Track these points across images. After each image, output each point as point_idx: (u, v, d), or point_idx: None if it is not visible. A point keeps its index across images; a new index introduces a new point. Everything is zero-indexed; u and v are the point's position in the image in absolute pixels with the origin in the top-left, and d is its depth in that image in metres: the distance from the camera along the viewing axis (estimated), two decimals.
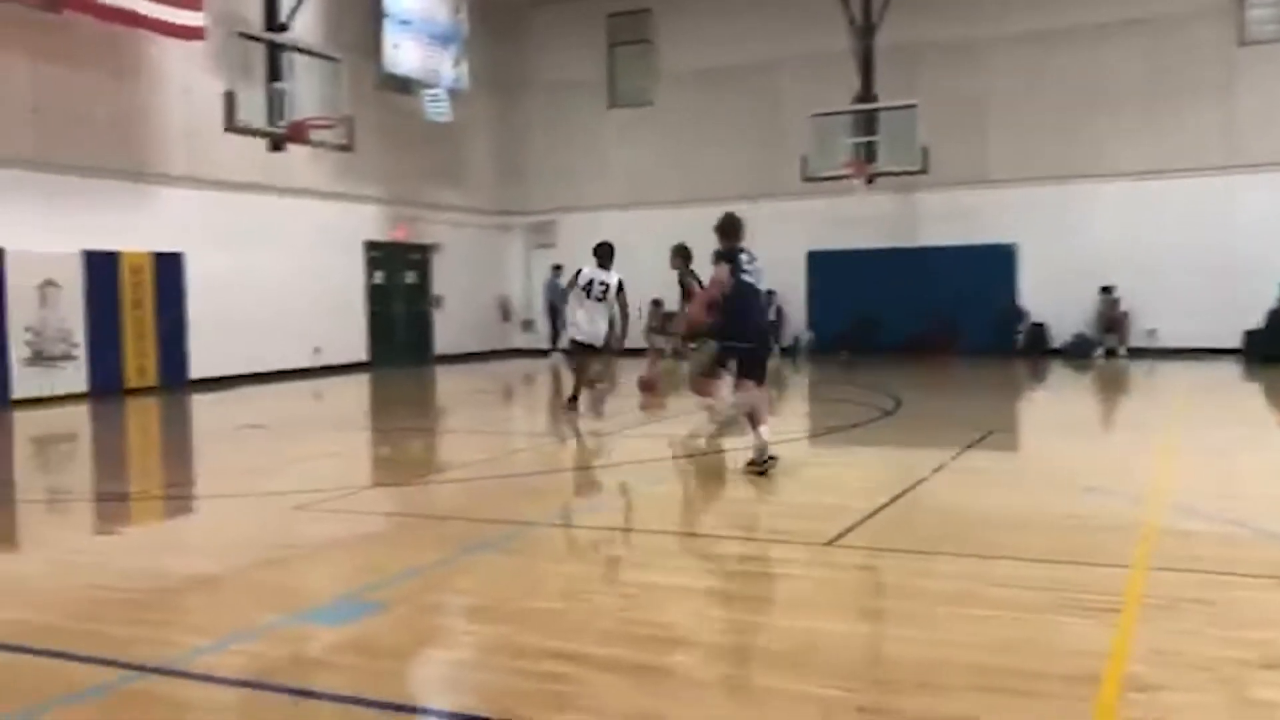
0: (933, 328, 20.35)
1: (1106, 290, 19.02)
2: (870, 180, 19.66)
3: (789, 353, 21.76)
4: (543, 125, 24.16)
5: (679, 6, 22.67)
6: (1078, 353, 19.06)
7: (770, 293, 21.92)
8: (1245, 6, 18.92)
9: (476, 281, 23.23)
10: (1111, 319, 19.03)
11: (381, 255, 20.81)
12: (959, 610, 4.36)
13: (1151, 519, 6.29)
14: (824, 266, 21.57)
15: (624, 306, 12.28)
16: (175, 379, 16.05)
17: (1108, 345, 19.01)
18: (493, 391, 17.00)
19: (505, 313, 24.17)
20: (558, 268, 23.36)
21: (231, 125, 15.52)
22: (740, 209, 22.40)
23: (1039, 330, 19.85)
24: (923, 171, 18.99)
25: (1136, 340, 18.91)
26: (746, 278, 8.00)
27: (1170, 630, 4.10)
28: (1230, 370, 16.44)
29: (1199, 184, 18.67)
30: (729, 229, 8.52)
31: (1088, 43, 19.50)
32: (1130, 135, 19.24)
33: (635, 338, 23.00)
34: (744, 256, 8.20)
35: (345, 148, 17.40)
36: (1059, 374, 17.20)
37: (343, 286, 19.70)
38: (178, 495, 8.03)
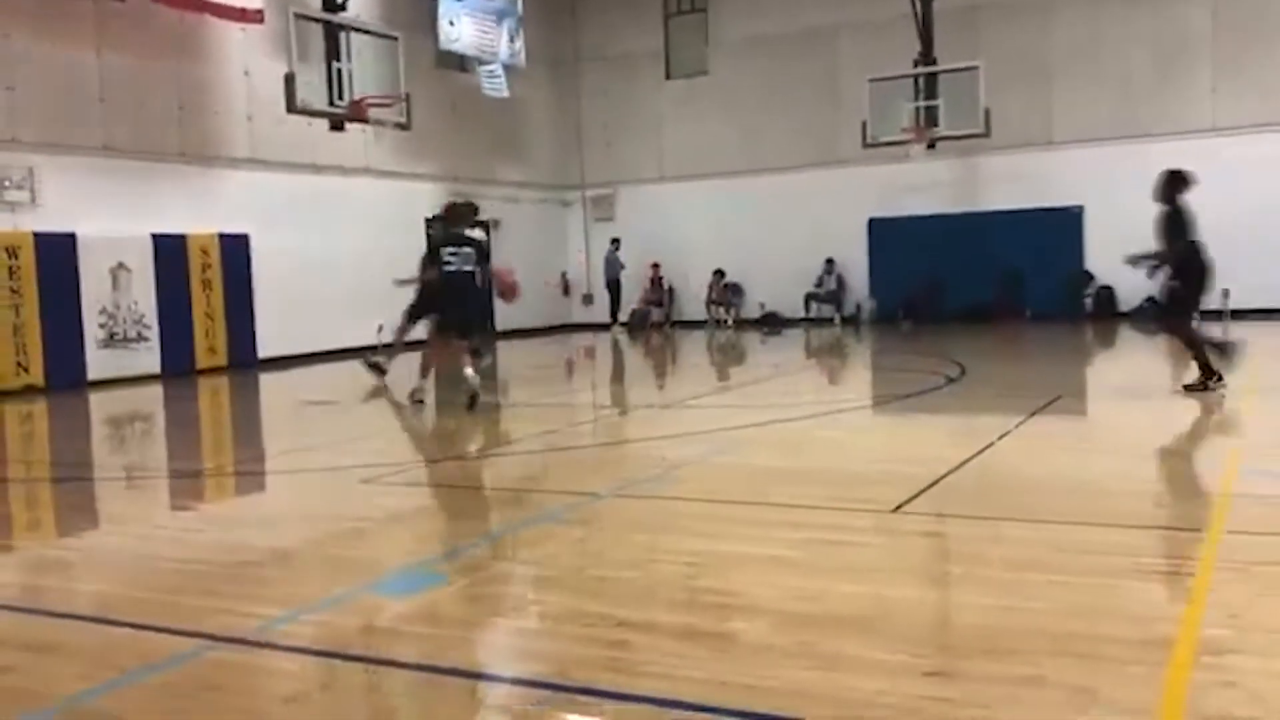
0: (997, 293, 20.04)
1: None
2: (931, 145, 19.38)
3: (850, 321, 21.58)
4: (599, 98, 24.14)
5: None
6: (1147, 316, 18.62)
7: (829, 260, 21.78)
8: None
9: (537, 257, 23.34)
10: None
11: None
12: (1027, 575, 4.31)
13: (1226, 483, 6.15)
14: (885, 234, 21.32)
15: None
16: (244, 358, 16.37)
17: None
18: (554, 365, 17.09)
19: (565, 286, 24.27)
20: (616, 241, 23.41)
21: (293, 106, 15.73)
22: (799, 177, 22.35)
23: (1107, 294, 19.45)
24: (985, 135, 18.65)
25: (1210, 303, 18.42)
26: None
27: (1245, 594, 4.02)
28: None
29: (1272, 140, 18.11)
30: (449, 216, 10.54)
31: None
32: (1200, 92, 18.71)
33: (698, 309, 23.04)
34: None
35: (404, 126, 17.54)
36: (1128, 338, 16.85)
37: (404, 264, 19.89)
38: (249, 471, 8.21)
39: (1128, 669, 3.31)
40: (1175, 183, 9.40)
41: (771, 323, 22.24)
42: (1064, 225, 19.72)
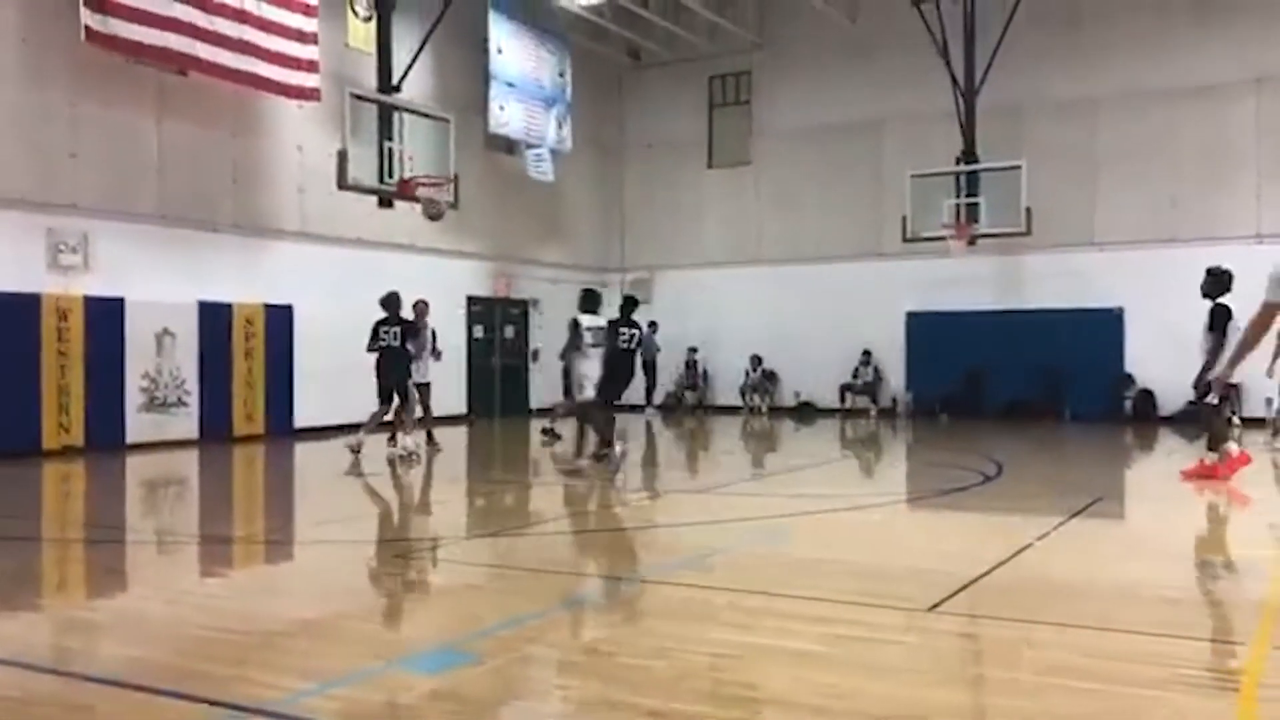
0: (1036, 392, 19.89)
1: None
2: (972, 241, 19.44)
3: (887, 414, 21.46)
4: (642, 184, 24.51)
5: (780, 67, 22.86)
6: (1189, 420, 18.38)
7: (866, 352, 21.75)
8: None
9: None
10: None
11: (482, 309, 21.22)
12: (1063, 682, 4.21)
13: (1273, 595, 6.01)
14: (923, 327, 21.31)
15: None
16: (281, 427, 16.50)
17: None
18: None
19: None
20: (653, 324, 23.53)
21: (344, 183, 16.09)
22: (839, 268, 22.53)
23: (1147, 396, 19.24)
24: (1026, 233, 18.70)
25: (1254, 409, 18.19)
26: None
27: None
28: None
29: None
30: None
31: (1200, 102, 19.08)
32: (1243, 199, 18.70)
33: (732, 395, 23.01)
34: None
35: (451, 205, 17.87)
36: (1168, 442, 16.62)
37: (444, 339, 20.11)
38: (280, 540, 8.22)
39: None
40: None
41: (806, 412, 22.17)
42: (1105, 326, 19.61)
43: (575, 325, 11.77)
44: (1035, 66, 19.84)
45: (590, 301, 12.10)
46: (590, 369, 11.72)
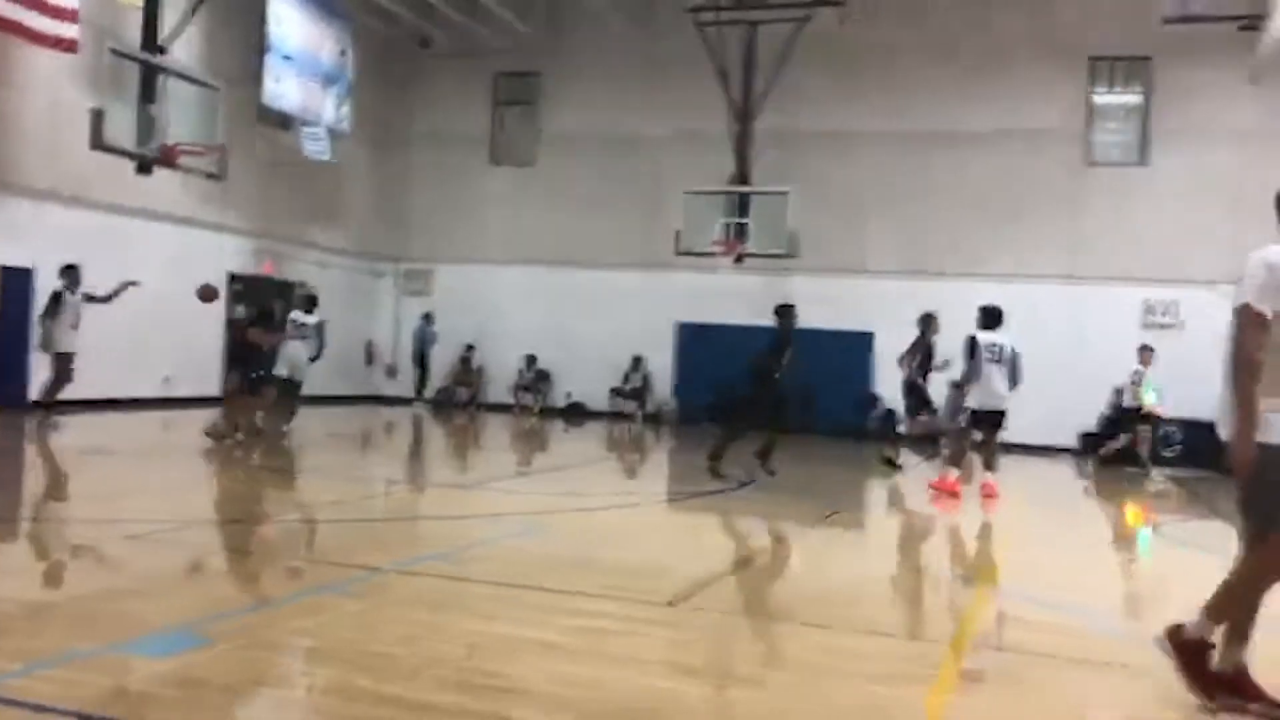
0: (793, 406, 20.87)
1: (957, 386, 19.81)
2: (739, 259, 20.21)
3: (652, 419, 22.00)
4: (424, 175, 24.15)
5: (568, 73, 23.04)
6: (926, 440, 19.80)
7: (636, 358, 22.27)
8: (1091, 130, 20.36)
9: (342, 324, 22.84)
10: (960, 411, 19.85)
11: (245, 288, 20.32)
12: (790, 675, 4.50)
13: (978, 600, 6.59)
14: (692, 338, 21.99)
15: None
16: (16, 400, 15.27)
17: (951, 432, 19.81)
18: (350, 435, 16.69)
19: (370, 357, 23.81)
20: (428, 315, 23.25)
21: (98, 143, 15.06)
22: (615, 275, 22.95)
23: (889, 415, 20.57)
24: (791, 256, 19.61)
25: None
26: None
27: (977, 703, 4.32)
28: (1065, 469, 17.30)
29: (1048, 291, 19.73)
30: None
31: (956, 148, 20.59)
32: (991, 238, 20.31)
33: (505, 393, 23.01)
34: None
35: (216, 176, 17.05)
36: (906, 457, 17.81)
37: (200, 317, 19.14)
38: (5, 519, 7.65)
39: None
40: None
41: (576, 413, 22.43)
42: (857, 349, 20.82)
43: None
44: (809, 100, 20.83)
45: None
46: None
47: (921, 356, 13.67)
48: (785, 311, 12.16)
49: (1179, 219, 19.38)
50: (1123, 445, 16.49)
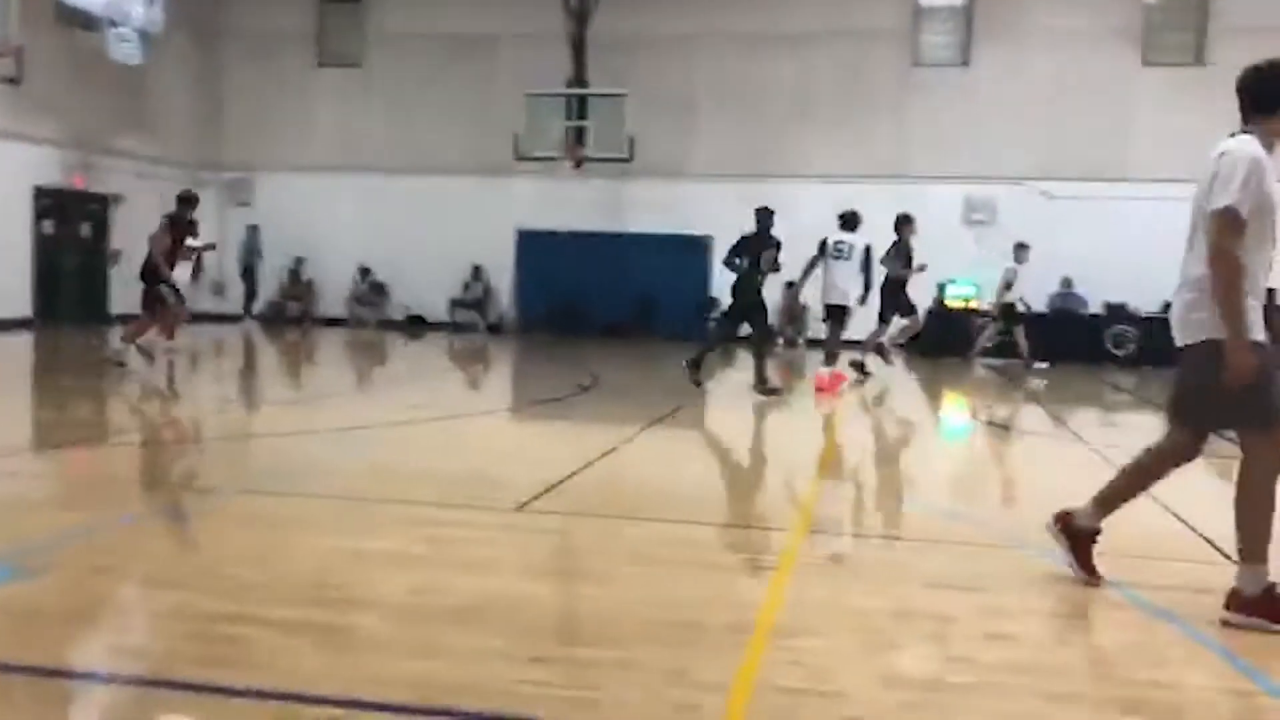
0: (633, 311, 21.07)
1: (790, 285, 20.31)
2: (579, 164, 20.05)
3: (494, 329, 21.87)
4: (244, 77, 22.95)
5: None
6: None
7: (476, 267, 22.01)
8: (918, 30, 20.87)
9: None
10: (793, 311, 20.43)
11: (53, 203, 19.08)
12: (636, 569, 4.64)
13: (814, 488, 6.90)
14: (533, 246, 21.83)
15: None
16: None
17: (788, 335, 20.40)
18: (177, 353, 16.02)
19: (195, 271, 22.72)
20: (254, 228, 22.35)
21: None
22: (451, 181, 22.49)
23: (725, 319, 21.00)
24: (628, 160, 19.58)
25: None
26: None
27: (817, 585, 4.56)
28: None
29: (876, 190, 20.31)
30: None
31: (788, 50, 20.79)
32: (823, 140, 20.70)
33: (339, 307, 22.42)
34: None
35: (14, 81, 15.82)
36: (743, 357, 18.26)
37: (4, 234, 17.92)
38: None
39: (712, 649, 3.68)
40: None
41: (415, 326, 22.09)
42: (694, 253, 21.07)
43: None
44: (642, 2, 20.66)
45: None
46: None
47: (904, 259, 13.78)
48: (764, 214, 11.76)
49: (997, 118, 20.18)
50: (995, 341, 16.93)
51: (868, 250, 12.41)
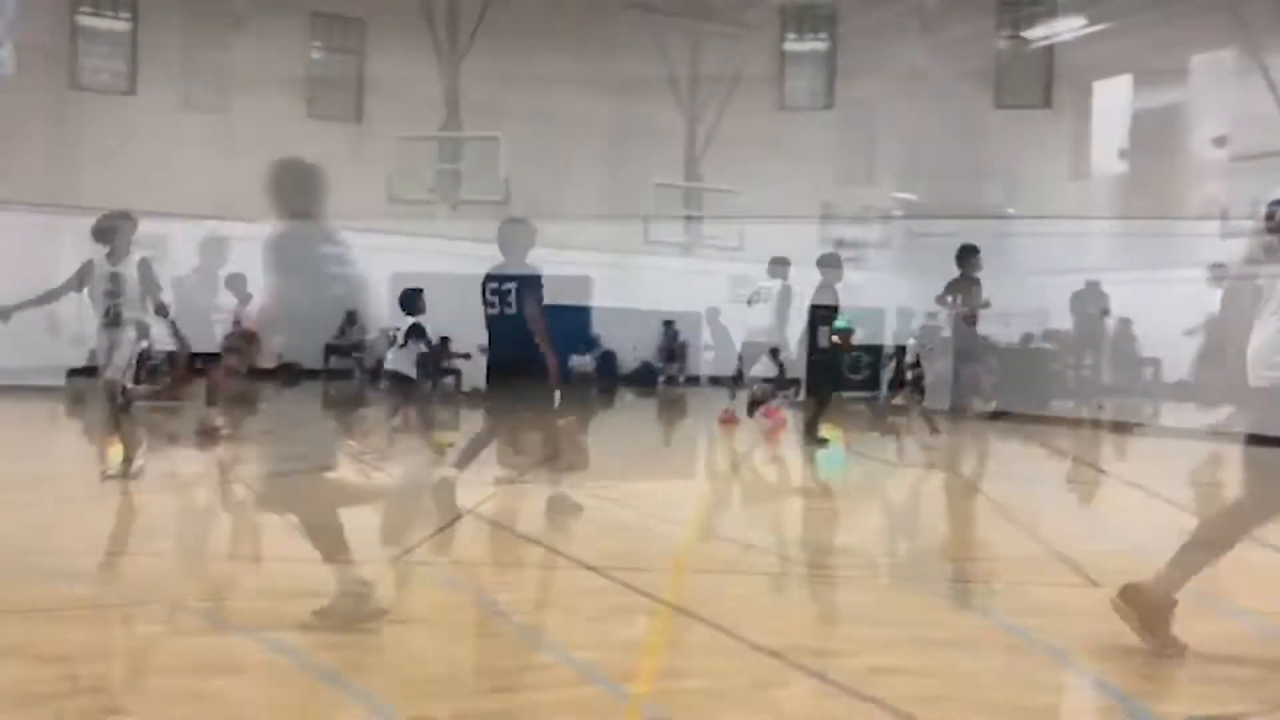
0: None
1: (668, 324, 20.44)
2: (454, 207, 19.82)
3: (374, 375, 21.23)
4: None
5: (265, 3, 21.46)
6: (644, 380, 20.33)
7: (350, 314, 21.42)
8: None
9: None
10: (672, 350, 20.54)
11: None
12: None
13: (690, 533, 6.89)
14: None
15: None
16: None
17: (668, 373, 20.47)
18: None
19: None
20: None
21: None
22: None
23: (609, 356, 20.86)
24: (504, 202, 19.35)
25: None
26: None
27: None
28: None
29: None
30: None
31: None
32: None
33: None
34: None
35: None
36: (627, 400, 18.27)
37: None
38: None
39: None
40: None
41: (289, 373, 21.31)
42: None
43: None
44: (520, 43, 20.62)
45: None
46: None
47: (964, 295, 11.83)
48: (831, 259, 11.46)
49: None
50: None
51: (787, 292, 12.36)
